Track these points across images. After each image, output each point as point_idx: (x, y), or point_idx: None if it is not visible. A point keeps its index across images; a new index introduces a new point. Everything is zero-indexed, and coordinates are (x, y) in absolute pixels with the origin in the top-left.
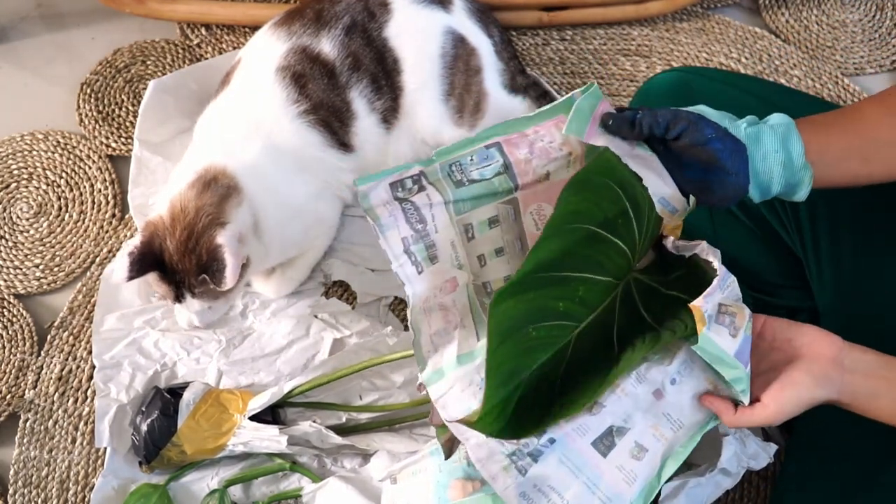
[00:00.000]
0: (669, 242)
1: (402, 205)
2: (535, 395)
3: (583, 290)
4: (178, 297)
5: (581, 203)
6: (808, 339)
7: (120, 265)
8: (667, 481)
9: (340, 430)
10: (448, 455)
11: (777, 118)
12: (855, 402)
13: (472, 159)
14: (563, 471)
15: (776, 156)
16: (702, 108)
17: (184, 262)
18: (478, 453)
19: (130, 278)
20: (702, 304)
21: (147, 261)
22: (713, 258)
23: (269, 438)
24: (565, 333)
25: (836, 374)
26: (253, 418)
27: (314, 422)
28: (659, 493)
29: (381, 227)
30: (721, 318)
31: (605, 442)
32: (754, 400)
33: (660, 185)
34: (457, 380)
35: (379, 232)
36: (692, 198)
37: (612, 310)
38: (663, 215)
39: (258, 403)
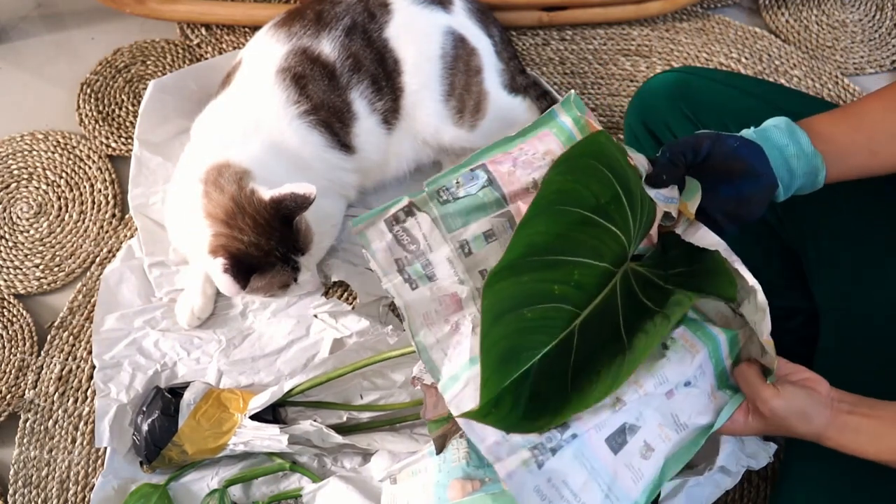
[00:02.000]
0: (680, 228)
1: (393, 231)
2: (548, 388)
3: (578, 274)
4: (294, 269)
5: (567, 183)
6: (805, 375)
7: (226, 283)
8: (703, 442)
9: (341, 429)
10: (439, 450)
11: (775, 119)
12: (841, 436)
13: (457, 182)
14: (576, 466)
15: (788, 148)
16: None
17: (274, 235)
18: (497, 451)
19: (244, 284)
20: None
21: (243, 267)
22: (740, 267)
23: (270, 438)
24: (563, 317)
25: (828, 408)
26: (254, 417)
27: (315, 421)
28: (659, 493)
29: (372, 253)
30: None
31: (618, 439)
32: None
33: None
34: (470, 379)
35: (371, 257)
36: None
37: (614, 299)
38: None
39: (259, 403)
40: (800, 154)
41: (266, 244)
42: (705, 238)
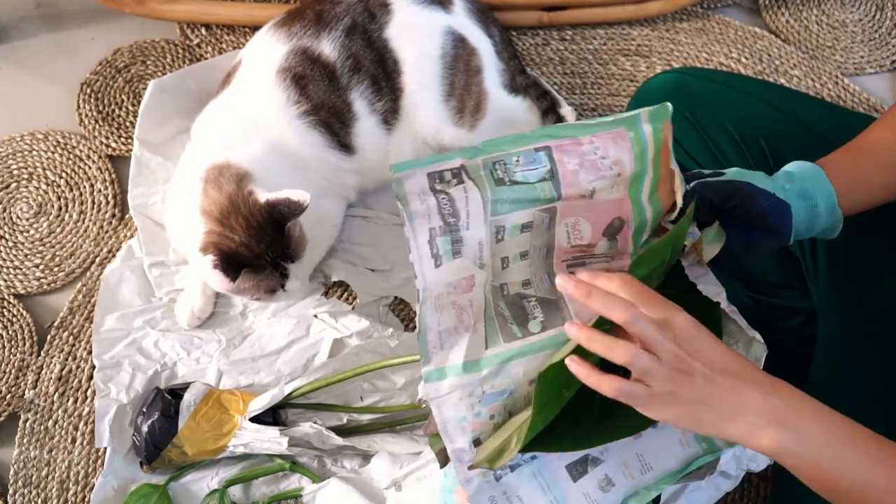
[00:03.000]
0: (687, 261)
1: (437, 196)
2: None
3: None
4: (283, 275)
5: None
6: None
7: (215, 277)
8: (666, 486)
9: (341, 431)
10: (443, 465)
11: (808, 170)
12: (804, 448)
13: (517, 160)
14: (534, 485)
15: (818, 209)
16: (742, 173)
17: (264, 239)
18: (461, 456)
19: (234, 279)
20: None
21: (233, 263)
22: (738, 318)
23: (270, 440)
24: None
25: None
26: (254, 419)
27: (315, 423)
28: (659, 497)
29: (409, 214)
30: None
31: (579, 468)
32: None
33: None
34: (458, 387)
35: (406, 219)
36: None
37: None
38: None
39: (259, 405)
40: (826, 213)
41: (256, 247)
42: (708, 287)
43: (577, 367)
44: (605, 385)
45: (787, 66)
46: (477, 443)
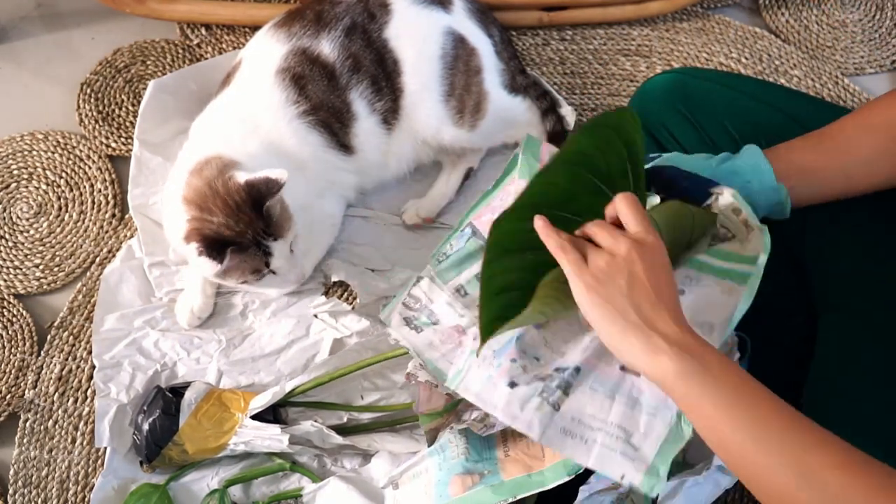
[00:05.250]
0: None
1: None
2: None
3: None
4: (266, 253)
5: (589, 146)
6: None
7: (203, 263)
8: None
9: (342, 429)
10: (430, 443)
11: (748, 150)
12: (696, 381)
13: (451, 245)
14: (597, 398)
15: (750, 185)
16: (676, 157)
17: (242, 219)
18: (511, 411)
19: (221, 260)
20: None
21: (216, 244)
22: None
23: (271, 437)
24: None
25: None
26: (255, 418)
27: (315, 421)
28: (657, 495)
29: (389, 324)
30: None
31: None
32: None
33: None
34: (473, 364)
35: (393, 333)
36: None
37: None
38: None
39: (260, 403)
40: (761, 191)
41: (236, 226)
42: None
43: (539, 222)
44: (552, 239)
45: (787, 66)
46: (513, 385)
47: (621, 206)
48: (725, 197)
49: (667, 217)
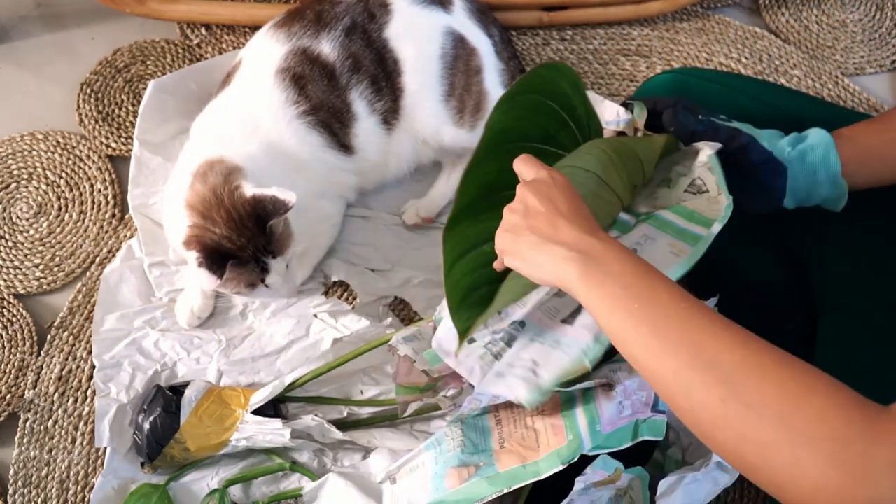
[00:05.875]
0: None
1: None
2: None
3: None
4: (263, 270)
5: (511, 121)
6: None
7: (201, 275)
8: (662, 479)
9: (342, 424)
10: (401, 414)
11: (816, 137)
12: (604, 284)
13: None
14: (536, 346)
15: (813, 176)
16: (752, 128)
17: (244, 233)
18: (459, 358)
19: (221, 275)
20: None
21: (217, 257)
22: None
23: (273, 432)
24: None
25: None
26: (255, 413)
27: (316, 416)
28: (655, 490)
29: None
30: None
31: (575, 314)
32: None
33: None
34: (446, 314)
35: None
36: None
37: None
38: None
39: (260, 397)
40: (826, 182)
41: (238, 240)
42: None
43: (519, 162)
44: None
45: (787, 66)
46: (471, 341)
47: (516, 167)
48: (705, 152)
49: (611, 145)
